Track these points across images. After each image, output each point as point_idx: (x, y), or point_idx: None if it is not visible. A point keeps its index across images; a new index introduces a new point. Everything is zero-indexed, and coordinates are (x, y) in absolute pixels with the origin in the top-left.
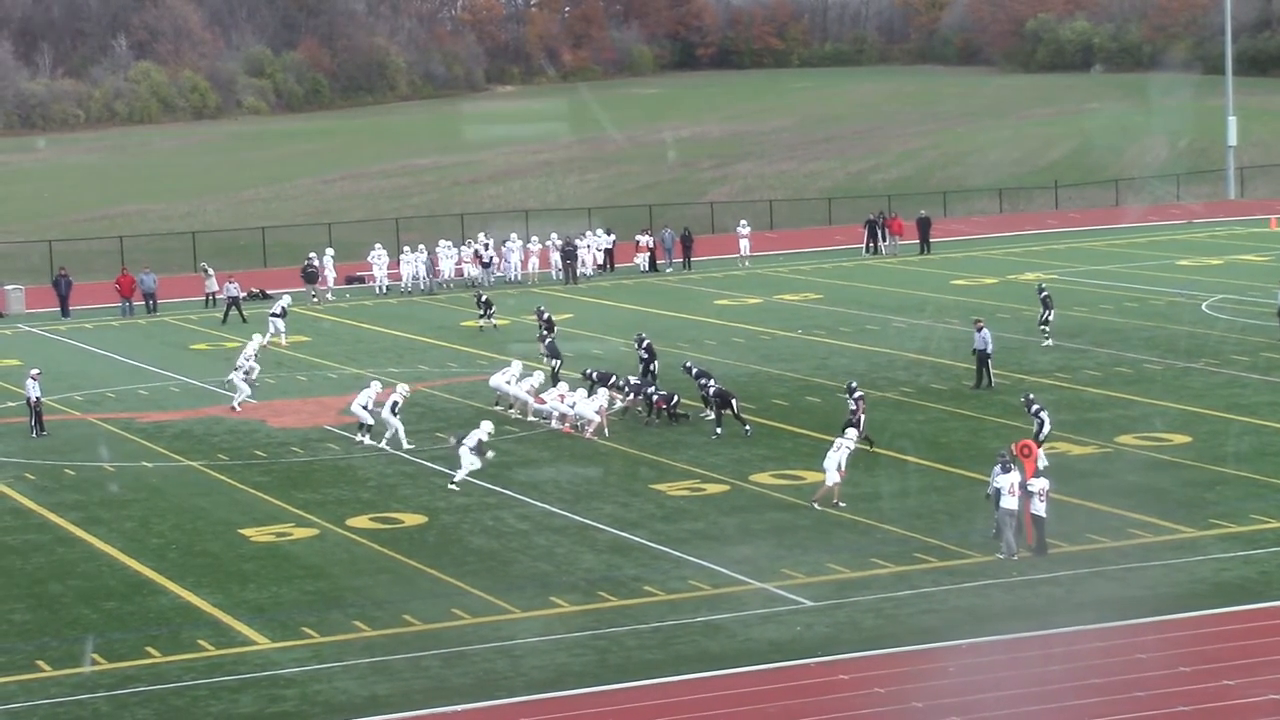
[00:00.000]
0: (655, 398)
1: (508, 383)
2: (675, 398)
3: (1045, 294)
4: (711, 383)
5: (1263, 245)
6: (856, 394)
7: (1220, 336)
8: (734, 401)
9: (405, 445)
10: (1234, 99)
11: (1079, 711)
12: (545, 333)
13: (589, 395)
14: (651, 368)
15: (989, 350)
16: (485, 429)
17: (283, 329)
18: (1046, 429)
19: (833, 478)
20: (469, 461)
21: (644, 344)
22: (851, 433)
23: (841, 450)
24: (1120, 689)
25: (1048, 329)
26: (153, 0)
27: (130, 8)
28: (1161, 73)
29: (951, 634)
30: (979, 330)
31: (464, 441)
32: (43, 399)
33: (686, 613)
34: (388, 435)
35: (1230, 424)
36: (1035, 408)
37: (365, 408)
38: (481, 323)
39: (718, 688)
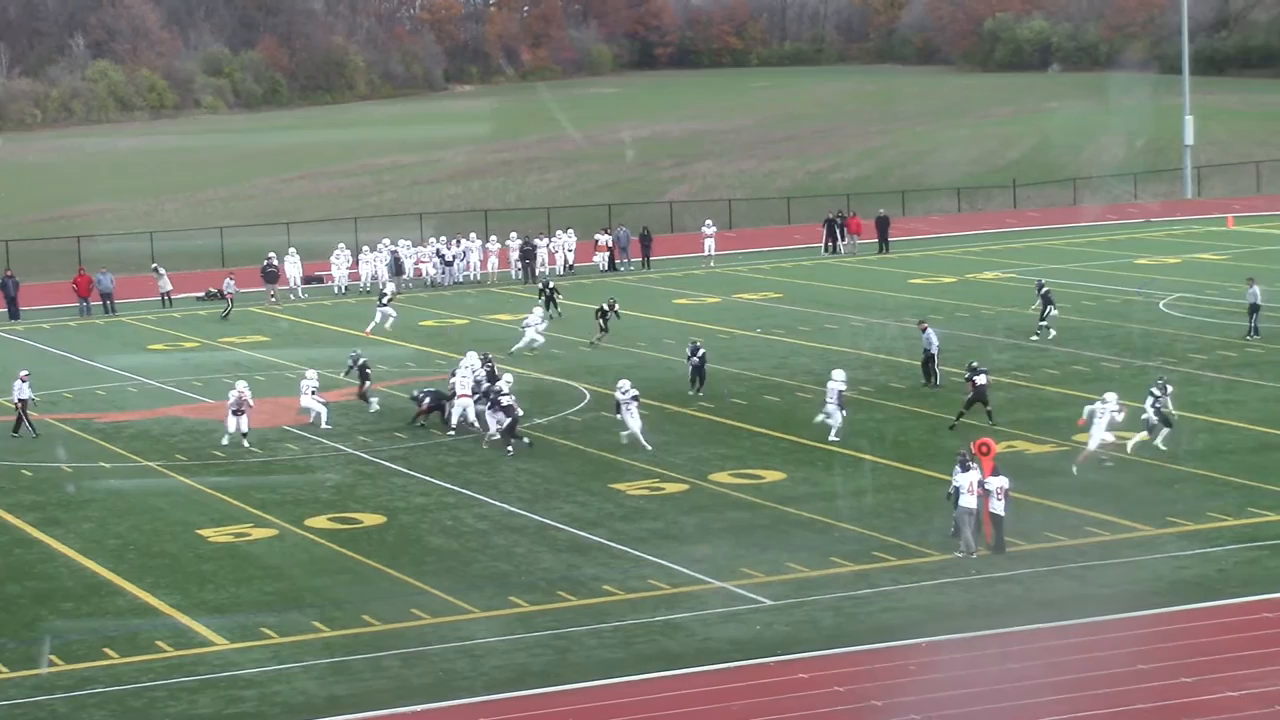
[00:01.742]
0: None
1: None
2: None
3: (1046, 290)
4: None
5: (1220, 244)
6: (970, 374)
7: (1177, 335)
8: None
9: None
10: (1191, 98)
11: (1038, 709)
12: (604, 325)
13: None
14: (699, 378)
15: (934, 350)
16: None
17: (392, 314)
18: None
19: (1097, 441)
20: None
21: (699, 352)
22: (1111, 396)
23: (1106, 416)
24: (1079, 687)
25: (1048, 324)
26: None
27: (88, 7)
28: (1119, 72)
29: (911, 632)
30: (924, 331)
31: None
32: (28, 400)
33: (646, 612)
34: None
35: (1187, 422)
36: (1162, 381)
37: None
38: (551, 313)
39: (677, 687)
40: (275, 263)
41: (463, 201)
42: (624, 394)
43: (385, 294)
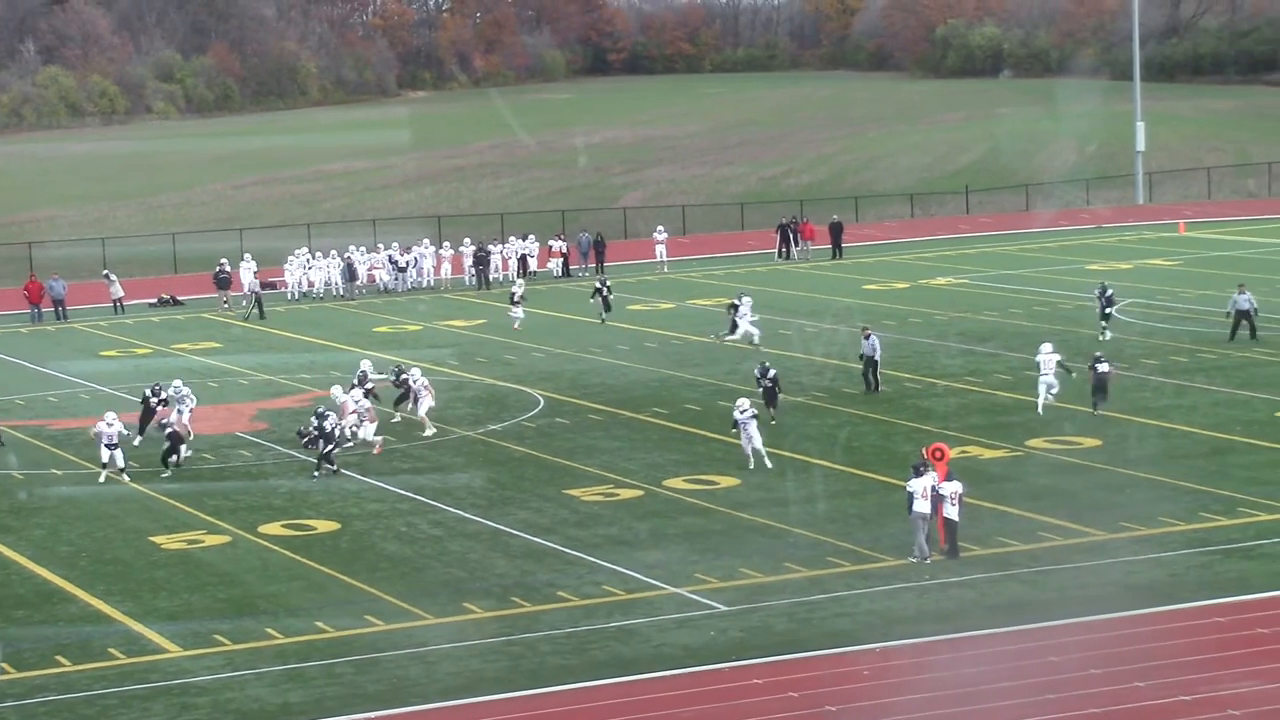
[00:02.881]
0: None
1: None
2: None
3: (1110, 293)
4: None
5: (1171, 249)
6: (1093, 363)
7: (1129, 340)
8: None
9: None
10: (1142, 105)
11: (991, 714)
12: (732, 318)
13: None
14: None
15: (877, 356)
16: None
17: (520, 315)
18: None
19: None
20: None
21: (769, 374)
22: None
23: None
24: (1032, 691)
25: (1106, 324)
26: (60, 4)
27: (38, 12)
28: (1070, 78)
29: (864, 637)
30: (866, 338)
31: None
32: None
33: (600, 618)
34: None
35: (1139, 427)
36: None
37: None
38: (604, 314)
39: (631, 693)
40: (228, 269)
41: (415, 207)
42: (743, 413)
43: (515, 294)
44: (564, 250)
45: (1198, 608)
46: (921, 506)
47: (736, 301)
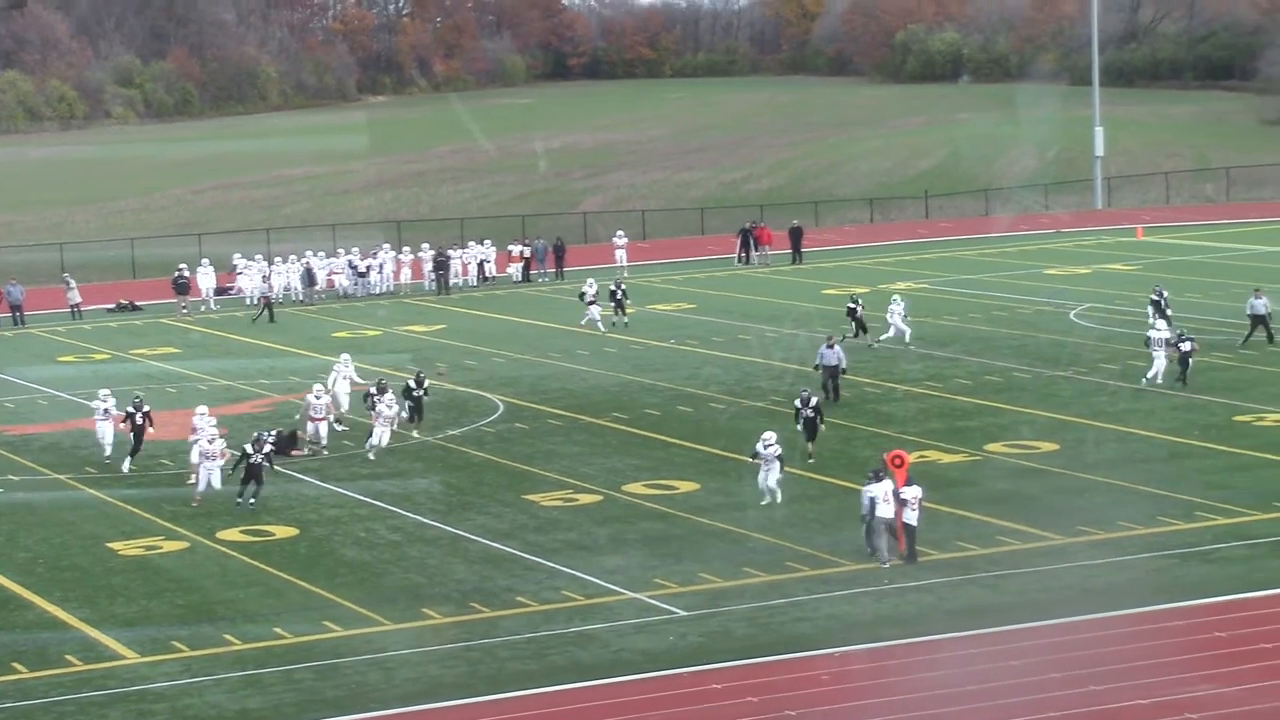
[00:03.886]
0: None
1: (337, 381)
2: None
3: (1167, 295)
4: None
5: (1130, 254)
6: (1178, 341)
7: (1087, 344)
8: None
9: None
10: (1101, 110)
11: (951, 718)
12: (854, 320)
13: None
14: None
15: (842, 366)
16: None
17: (598, 316)
18: None
19: None
20: None
21: (810, 403)
22: None
23: None
24: (990, 695)
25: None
26: (19, 9)
27: None
28: (1029, 83)
29: (824, 642)
30: (830, 347)
31: None
32: None
33: (559, 623)
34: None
35: (1097, 431)
36: None
37: None
38: (615, 319)
39: (591, 698)
40: (187, 274)
41: (376, 212)
42: (767, 447)
43: (587, 294)
44: (524, 255)
45: (1156, 611)
46: (885, 511)
47: (852, 304)
